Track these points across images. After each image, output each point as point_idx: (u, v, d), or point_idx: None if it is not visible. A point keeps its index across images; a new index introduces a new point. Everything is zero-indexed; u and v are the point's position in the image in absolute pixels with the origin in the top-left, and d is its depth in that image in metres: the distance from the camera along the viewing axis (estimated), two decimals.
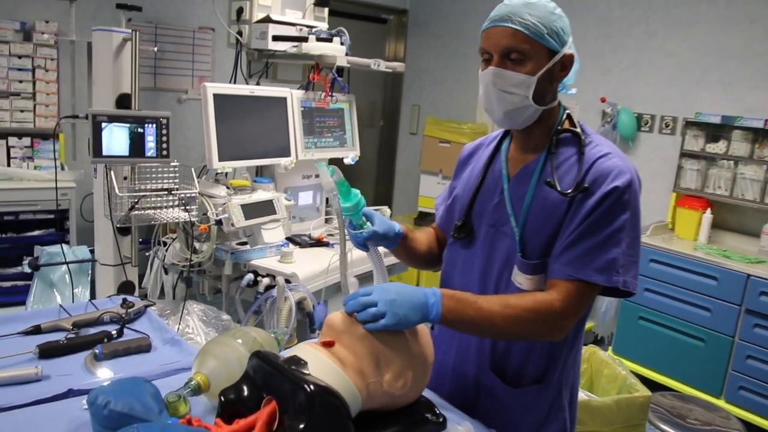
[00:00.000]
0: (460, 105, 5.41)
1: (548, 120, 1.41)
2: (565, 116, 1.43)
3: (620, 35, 4.36)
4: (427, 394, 1.38)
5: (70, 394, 1.31)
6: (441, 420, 1.30)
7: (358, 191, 1.42)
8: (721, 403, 3.31)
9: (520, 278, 1.37)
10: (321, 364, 1.16)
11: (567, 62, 1.35)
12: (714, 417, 2.53)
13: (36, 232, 3.75)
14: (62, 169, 3.88)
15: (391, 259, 2.18)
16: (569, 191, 1.31)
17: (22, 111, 3.82)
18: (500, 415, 1.43)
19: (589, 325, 4.23)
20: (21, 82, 3.78)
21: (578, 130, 1.39)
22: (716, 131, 3.78)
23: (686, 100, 4.05)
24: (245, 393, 1.17)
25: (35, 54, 3.78)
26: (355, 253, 1.69)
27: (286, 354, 1.22)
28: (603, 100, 4.34)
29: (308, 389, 1.06)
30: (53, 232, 3.79)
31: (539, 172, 1.38)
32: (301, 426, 1.05)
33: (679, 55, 4.07)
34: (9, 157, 3.81)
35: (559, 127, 1.40)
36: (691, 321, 3.52)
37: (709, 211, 3.80)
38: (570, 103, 4.59)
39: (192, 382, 1.25)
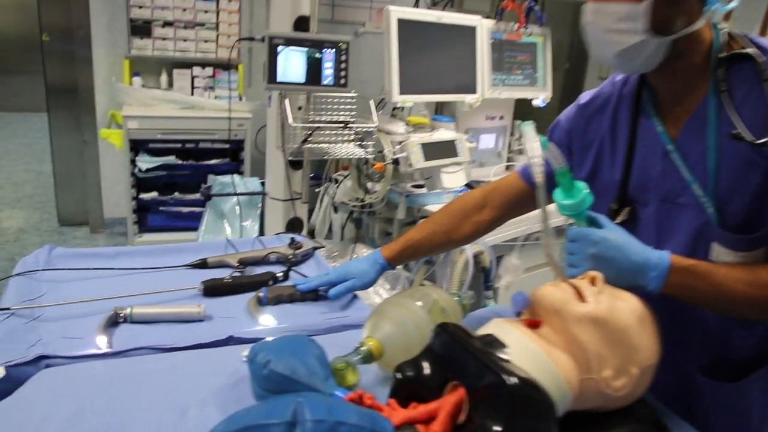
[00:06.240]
0: None
1: (694, 50, 1.05)
2: (723, 38, 1.05)
3: None
4: None
5: (230, 341, 1.20)
6: None
7: (584, 185, 1.07)
8: None
9: (727, 257, 1.06)
10: (524, 350, 0.91)
11: None
12: None
13: (213, 161, 3.83)
14: (240, 99, 3.90)
15: None
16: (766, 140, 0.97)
17: (206, 41, 3.86)
18: (721, 416, 1.16)
19: None
20: (206, 12, 3.80)
21: (750, 50, 1.02)
22: None
23: None
24: (426, 372, 0.96)
25: None
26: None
27: (471, 322, 0.98)
28: None
29: (509, 382, 0.82)
30: (228, 162, 3.84)
31: (716, 121, 1.04)
32: (497, 429, 0.81)
33: None
34: (193, 87, 3.89)
35: (720, 56, 1.04)
36: None
37: None
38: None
39: (363, 348, 1.05)
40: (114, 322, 1.23)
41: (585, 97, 1.30)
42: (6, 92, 7.62)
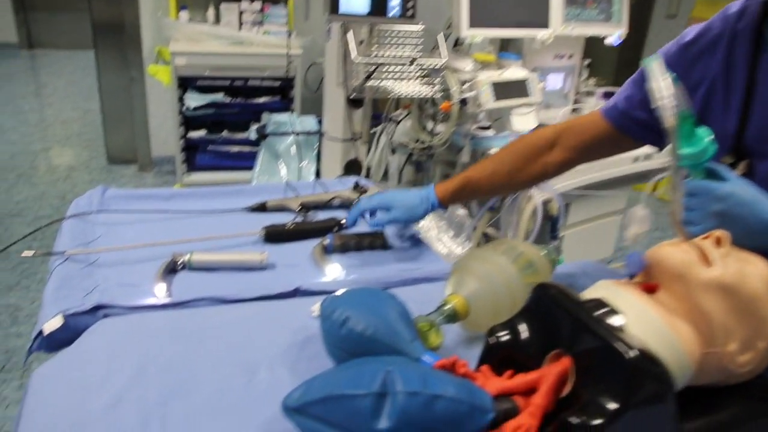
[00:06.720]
0: None
1: None
2: None
3: None
4: None
5: (297, 293, 1.10)
6: None
7: (708, 131, 0.91)
8: None
9: None
10: (642, 318, 0.79)
11: None
12: None
13: (262, 99, 3.72)
14: (289, 35, 3.75)
15: None
16: None
17: None
18: None
19: None
20: None
21: None
22: None
23: None
24: (524, 336, 0.85)
25: None
26: None
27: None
28: None
29: (628, 355, 0.71)
30: (278, 101, 3.73)
31: None
32: (612, 407, 0.70)
33: None
34: (240, 22, 3.75)
35: None
36: None
37: None
38: None
39: (447, 307, 0.95)
40: (172, 269, 1.15)
41: (689, 33, 1.12)
42: (52, 29, 7.60)
